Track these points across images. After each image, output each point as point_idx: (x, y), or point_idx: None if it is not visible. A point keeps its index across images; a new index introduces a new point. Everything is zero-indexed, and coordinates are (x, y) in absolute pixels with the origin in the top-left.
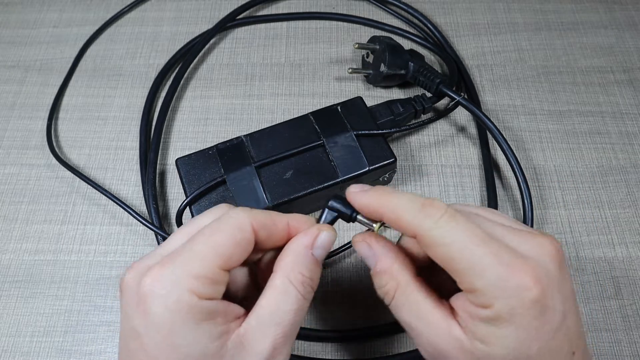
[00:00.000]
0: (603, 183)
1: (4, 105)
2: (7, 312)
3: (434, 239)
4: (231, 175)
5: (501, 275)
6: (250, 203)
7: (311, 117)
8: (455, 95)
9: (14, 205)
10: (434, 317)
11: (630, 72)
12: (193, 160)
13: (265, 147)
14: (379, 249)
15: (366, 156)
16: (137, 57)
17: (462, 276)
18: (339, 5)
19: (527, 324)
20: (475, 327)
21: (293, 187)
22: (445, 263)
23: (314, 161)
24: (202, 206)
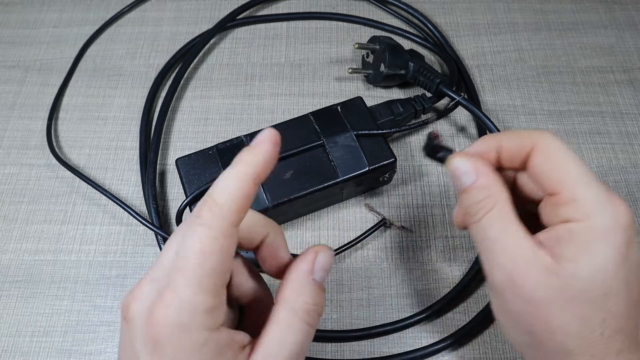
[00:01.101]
0: None
1: (4, 105)
2: (7, 312)
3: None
4: None
5: (603, 192)
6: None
7: (311, 117)
8: (455, 95)
9: (14, 205)
10: (523, 240)
11: (630, 72)
12: (193, 160)
13: None
14: (482, 166)
15: (366, 156)
16: (137, 57)
17: (569, 182)
18: (339, 5)
19: (617, 247)
20: (565, 247)
21: (293, 187)
22: (554, 169)
23: (313, 161)
24: None
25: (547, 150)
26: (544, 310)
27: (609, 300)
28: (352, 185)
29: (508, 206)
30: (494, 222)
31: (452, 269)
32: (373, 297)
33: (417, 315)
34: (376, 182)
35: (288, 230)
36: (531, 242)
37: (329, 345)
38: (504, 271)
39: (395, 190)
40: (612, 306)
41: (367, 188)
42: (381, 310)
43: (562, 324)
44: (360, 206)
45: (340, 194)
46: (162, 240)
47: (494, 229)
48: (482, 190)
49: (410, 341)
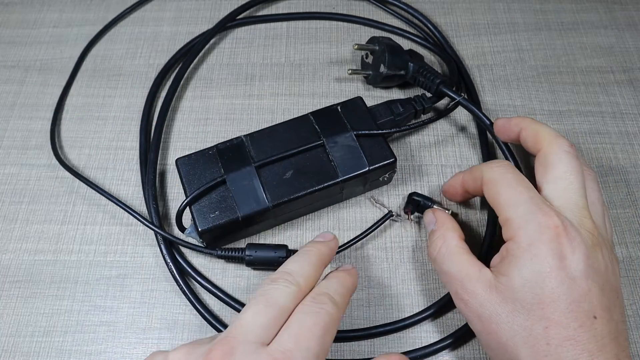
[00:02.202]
0: (603, 183)
1: (4, 105)
2: (7, 312)
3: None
4: (231, 175)
5: (530, 210)
6: (250, 203)
7: (311, 117)
8: (455, 96)
9: (14, 205)
10: (467, 263)
11: (630, 72)
12: (193, 160)
13: (265, 147)
14: (440, 215)
15: (366, 156)
16: (137, 57)
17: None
18: (339, 5)
19: (542, 258)
20: (502, 264)
21: (293, 187)
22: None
23: (314, 161)
24: (203, 206)
25: (487, 181)
26: (494, 326)
27: (546, 308)
28: (352, 185)
29: (454, 241)
30: (444, 257)
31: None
32: (373, 297)
33: (417, 315)
34: (376, 182)
35: (288, 230)
36: (476, 264)
37: None
38: (457, 295)
39: (395, 191)
40: (551, 314)
41: (367, 188)
42: (381, 310)
43: (509, 336)
44: (360, 206)
45: (340, 194)
46: (162, 241)
47: (445, 262)
48: (436, 232)
49: (410, 341)
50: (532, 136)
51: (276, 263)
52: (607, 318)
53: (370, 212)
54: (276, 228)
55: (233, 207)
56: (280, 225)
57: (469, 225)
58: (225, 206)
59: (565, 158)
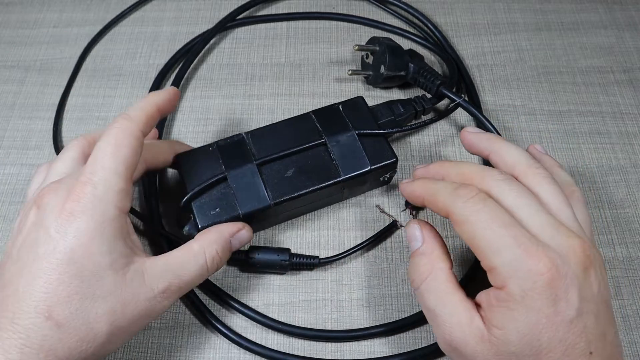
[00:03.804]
0: (603, 183)
1: (4, 105)
2: None
3: (461, 217)
4: (232, 172)
5: (517, 256)
6: (251, 200)
7: (312, 115)
8: (456, 97)
9: (14, 205)
10: (458, 308)
11: (630, 72)
12: (193, 157)
13: (266, 144)
14: (428, 234)
15: (368, 156)
16: (137, 57)
17: (482, 254)
18: (339, 5)
19: (538, 309)
20: (493, 314)
21: (295, 185)
22: (470, 241)
23: (315, 160)
24: (203, 203)
25: (459, 222)
26: None
27: (542, 357)
28: (353, 184)
29: (444, 275)
30: (430, 291)
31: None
32: (373, 297)
33: (417, 315)
34: (377, 182)
35: (288, 231)
36: (467, 308)
37: (329, 345)
38: (445, 341)
39: (395, 191)
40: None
41: (367, 188)
42: (381, 310)
43: None
44: (360, 206)
45: (341, 193)
46: (163, 240)
47: (431, 298)
48: (422, 257)
49: (411, 341)
50: (502, 162)
51: (279, 266)
52: (602, 347)
53: (370, 212)
54: (276, 228)
55: (234, 204)
56: (280, 224)
57: None
58: (226, 203)
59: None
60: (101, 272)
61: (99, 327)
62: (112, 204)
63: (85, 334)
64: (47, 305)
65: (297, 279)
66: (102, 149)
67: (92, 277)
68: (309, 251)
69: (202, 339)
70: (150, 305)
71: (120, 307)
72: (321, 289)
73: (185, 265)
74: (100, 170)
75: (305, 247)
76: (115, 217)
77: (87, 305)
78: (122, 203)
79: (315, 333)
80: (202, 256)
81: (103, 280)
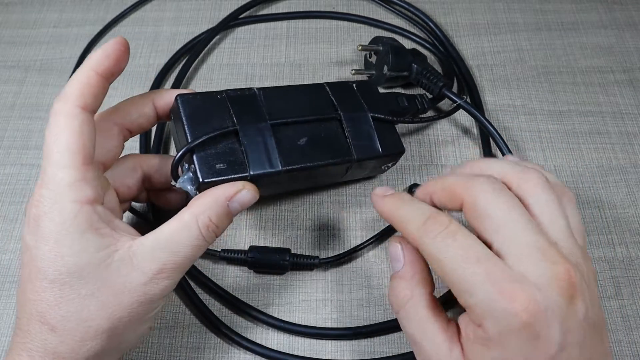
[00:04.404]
0: (603, 183)
1: (4, 105)
2: (7, 312)
3: (430, 253)
4: (245, 127)
5: (490, 295)
6: (262, 162)
7: (327, 87)
8: (457, 99)
9: (14, 205)
10: (437, 337)
11: (630, 72)
12: (198, 101)
13: (279, 106)
14: (410, 256)
15: (380, 141)
16: (137, 57)
17: (455, 292)
18: (339, 5)
19: (516, 349)
20: (470, 348)
21: (307, 155)
22: (441, 278)
23: (329, 133)
24: (208, 155)
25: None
26: None
27: None
28: (359, 167)
29: (424, 301)
30: (409, 318)
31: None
32: (373, 297)
33: None
34: (377, 170)
35: (288, 231)
36: (447, 338)
37: (329, 344)
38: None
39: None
40: None
41: (367, 173)
42: (381, 310)
43: None
44: (360, 206)
45: (344, 174)
46: None
47: (411, 325)
48: (402, 281)
49: None
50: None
51: (279, 266)
52: None
53: (370, 212)
54: (276, 228)
55: (243, 163)
56: (280, 224)
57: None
58: (234, 160)
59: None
60: (79, 271)
61: (97, 323)
62: (67, 201)
63: (85, 333)
64: (38, 310)
65: (297, 279)
66: (45, 143)
67: (71, 278)
68: (309, 251)
69: (202, 339)
70: (147, 289)
71: (113, 299)
72: (321, 289)
73: (177, 240)
74: (47, 167)
75: (305, 247)
76: (77, 213)
77: (75, 305)
78: (80, 194)
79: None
80: (194, 226)
81: (84, 278)
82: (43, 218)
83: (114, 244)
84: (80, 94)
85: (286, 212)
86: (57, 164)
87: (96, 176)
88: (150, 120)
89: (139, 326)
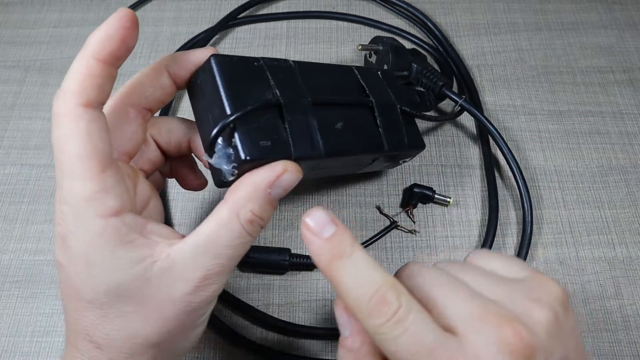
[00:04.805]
0: (603, 183)
1: (4, 105)
2: (7, 312)
3: (376, 340)
4: (288, 102)
5: None
6: (306, 144)
7: (355, 71)
8: (457, 98)
9: (14, 205)
10: None
11: (630, 72)
12: (235, 66)
13: (314, 83)
14: (357, 325)
15: (406, 136)
16: (137, 57)
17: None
18: (339, 5)
19: None
20: None
21: (344, 141)
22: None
23: (361, 120)
24: (251, 129)
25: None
26: None
27: None
28: (383, 159)
29: None
30: None
31: None
32: None
33: None
34: (394, 164)
35: (288, 231)
36: None
37: (329, 344)
38: None
39: (396, 190)
40: None
41: (386, 167)
42: None
43: None
44: (360, 206)
45: (367, 165)
46: None
47: None
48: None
49: None
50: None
51: (279, 266)
52: None
53: (370, 212)
54: (276, 228)
55: (287, 143)
56: (280, 224)
57: (469, 225)
58: (277, 138)
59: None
60: (116, 290)
61: (144, 339)
62: (90, 216)
63: (132, 349)
64: (83, 328)
65: (297, 279)
66: (53, 151)
67: (109, 297)
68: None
69: (202, 339)
70: (193, 299)
71: (158, 313)
72: (321, 289)
73: (219, 241)
74: (62, 180)
75: (305, 247)
76: (103, 229)
77: (119, 323)
78: (102, 208)
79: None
80: (236, 223)
81: (124, 296)
82: (69, 237)
83: (151, 254)
84: (81, 89)
85: (286, 212)
86: (70, 176)
87: (118, 180)
88: (169, 91)
89: (190, 333)
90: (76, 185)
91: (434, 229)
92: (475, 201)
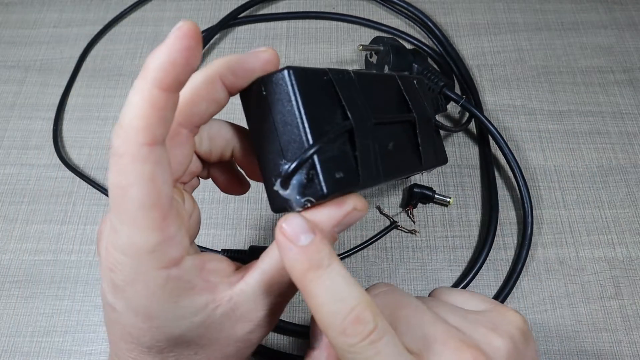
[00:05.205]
0: (603, 183)
1: (4, 105)
2: (7, 312)
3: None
4: (359, 125)
5: None
6: (371, 171)
7: (398, 80)
8: (458, 99)
9: (14, 205)
10: None
11: (630, 72)
12: (310, 81)
13: (370, 98)
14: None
15: (435, 150)
16: (137, 57)
17: None
18: (339, 5)
19: None
20: None
21: (397, 165)
22: None
23: (405, 137)
24: (328, 159)
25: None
26: None
27: None
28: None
29: None
30: None
31: (452, 269)
32: None
33: None
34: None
35: None
36: None
37: None
38: None
39: (396, 191)
40: None
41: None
42: None
43: None
44: None
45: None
46: None
47: None
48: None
49: None
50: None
51: None
52: None
53: (370, 212)
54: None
55: (356, 173)
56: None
57: (469, 225)
58: (347, 167)
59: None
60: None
61: None
62: (152, 269)
63: None
64: None
65: None
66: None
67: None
68: None
69: None
70: (256, 335)
71: (217, 353)
72: None
73: (283, 280)
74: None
75: None
76: (165, 281)
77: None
78: (165, 259)
79: None
80: None
81: (184, 343)
82: (126, 288)
83: (212, 299)
84: (145, 126)
85: None
86: (131, 225)
87: (179, 226)
88: (222, 103)
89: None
90: (137, 237)
91: (434, 229)
92: (475, 201)
